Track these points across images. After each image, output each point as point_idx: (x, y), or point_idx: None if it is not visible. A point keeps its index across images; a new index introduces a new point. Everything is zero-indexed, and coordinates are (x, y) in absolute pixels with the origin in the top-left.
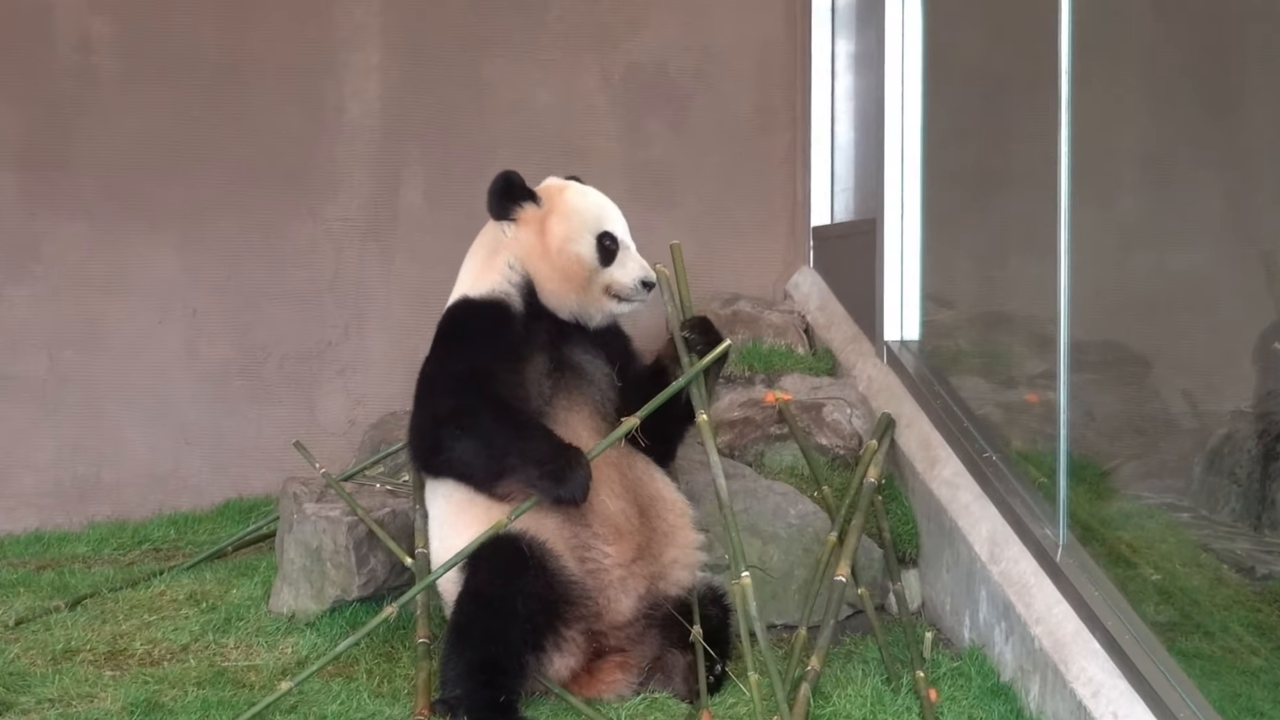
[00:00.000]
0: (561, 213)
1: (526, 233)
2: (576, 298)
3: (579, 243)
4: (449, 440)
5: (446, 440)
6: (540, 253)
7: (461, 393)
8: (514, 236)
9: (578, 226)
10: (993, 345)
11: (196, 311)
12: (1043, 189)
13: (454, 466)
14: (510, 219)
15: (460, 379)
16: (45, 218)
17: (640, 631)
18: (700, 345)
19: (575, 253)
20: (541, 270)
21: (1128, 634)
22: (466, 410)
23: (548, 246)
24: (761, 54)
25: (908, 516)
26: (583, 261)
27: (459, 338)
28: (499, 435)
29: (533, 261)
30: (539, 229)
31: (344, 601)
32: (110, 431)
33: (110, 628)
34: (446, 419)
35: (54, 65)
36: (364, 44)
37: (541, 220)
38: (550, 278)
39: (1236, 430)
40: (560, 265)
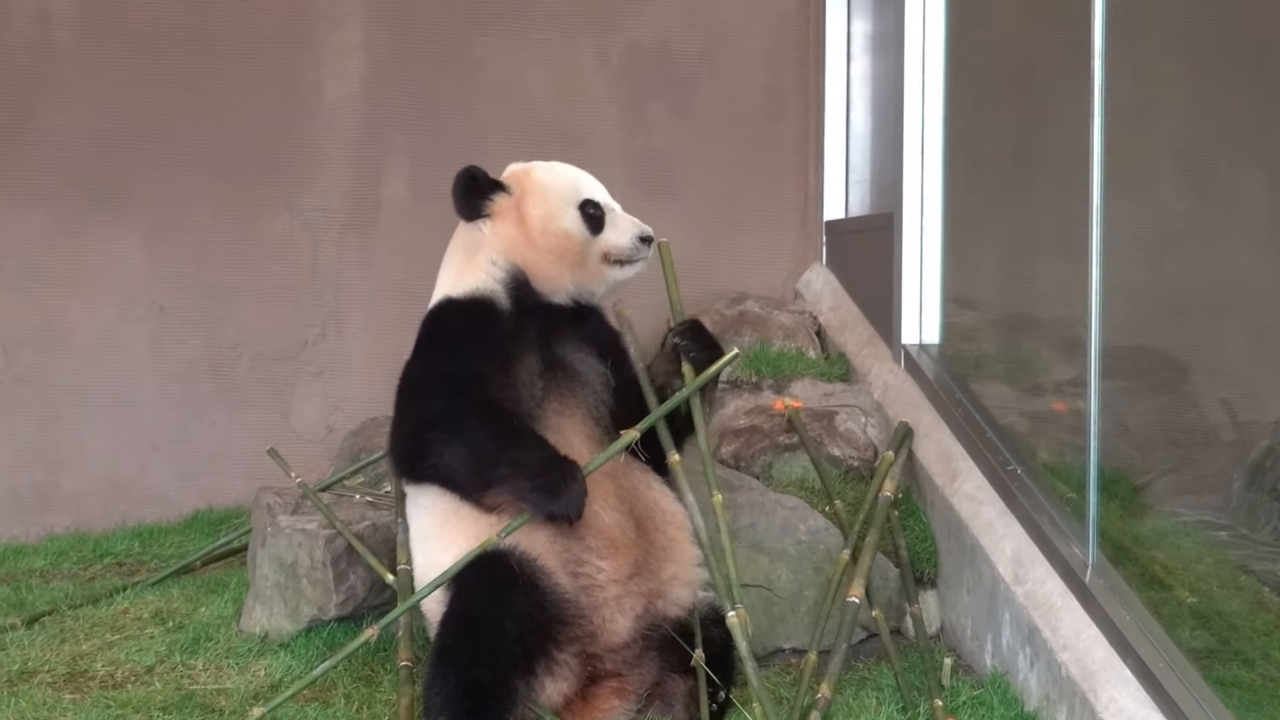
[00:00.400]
0: (535, 193)
1: (503, 224)
2: (573, 275)
3: (562, 217)
4: (435, 445)
5: (432, 445)
6: (524, 240)
7: (448, 395)
8: (491, 232)
9: (555, 202)
10: (1018, 350)
11: (163, 308)
12: (1073, 182)
13: (439, 473)
14: (483, 215)
15: (447, 380)
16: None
17: (638, 654)
18: (693, 352)
19: (561, 228)
20: (530, 257)
21: (1161, 661)
22: (454, 413)
23: (530, 231)
24: (772, 34)
25: (926, 534)
26: (570, 235)
27: (443, 338)
28: (489, 442)
29: (518, 251)
30: (516, 217)
31: (321, 621)
32: (70, 436)
33: (70, 648)
34: (432, 423)
35: (8, 40)
36: (345, 20)
37: (516, 207)
38: (541, 263)
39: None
40: (549, 246)
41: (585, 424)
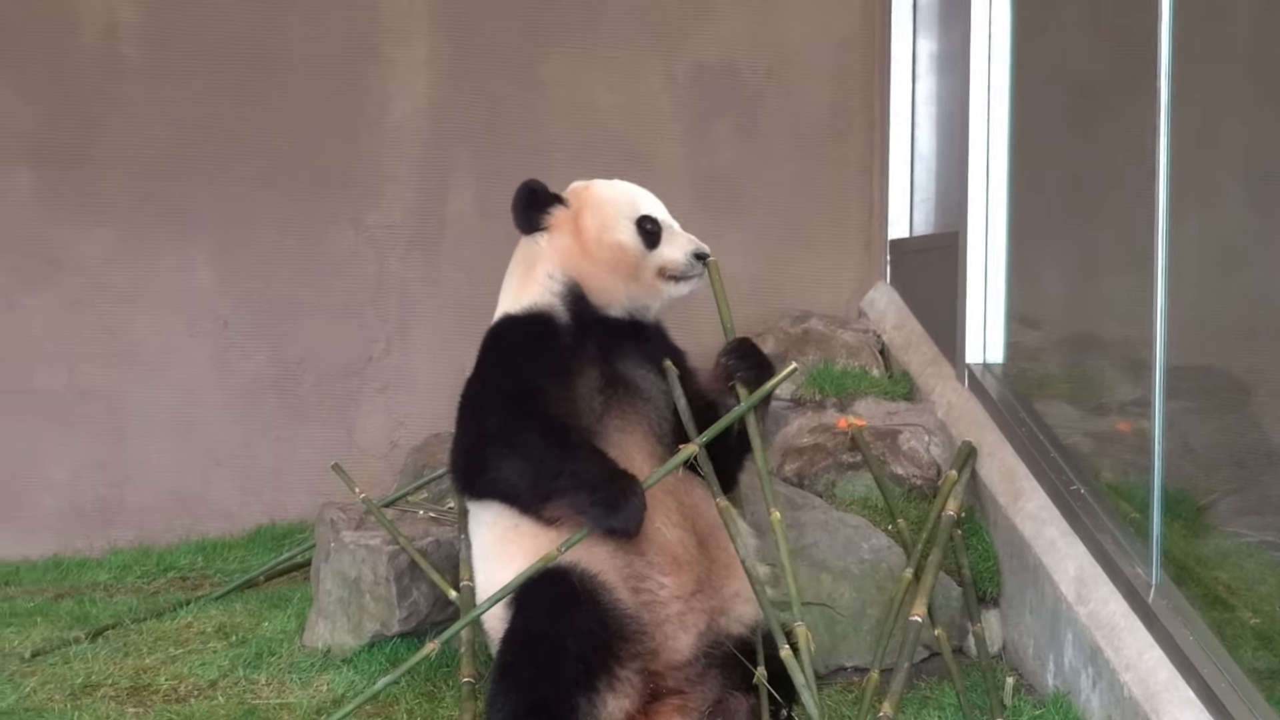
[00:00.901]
0: (592, 206)
1: (560, 236)
2: (627, 288)
3: (618, 230)
4: (494, 460)
5: (492, 460)
6: (580, 252)
7: (508, 410)
8: (548, 245)
9: (612, 214)
10: (1082, 369)
11: (228, 323)
12: (1139, 200)
13: (499, 487)
14: (540, 229)
15: (507, 396)
16: (64, 220)
17: (700, 672)
18: (742, 371)
19: (616, 240)
20: (585, 269)
21: (1225, 682)
22: (513, 428)
23: (585, 243)
24: (838, 52)
25: (989, 553)
26: (625, 248)
27: (503, 354)
28: (548, 455)
29: (574, 263)
30: (573, 229)
31: (383, 636)
32: (134, 450)
33: (133, 661)
34: (492, 438)
35: (76, 54)
36: (411, 37)
37: (573, 220)
38: (595, 274)
39: None
40: (604, 258)
41: (647, 440)
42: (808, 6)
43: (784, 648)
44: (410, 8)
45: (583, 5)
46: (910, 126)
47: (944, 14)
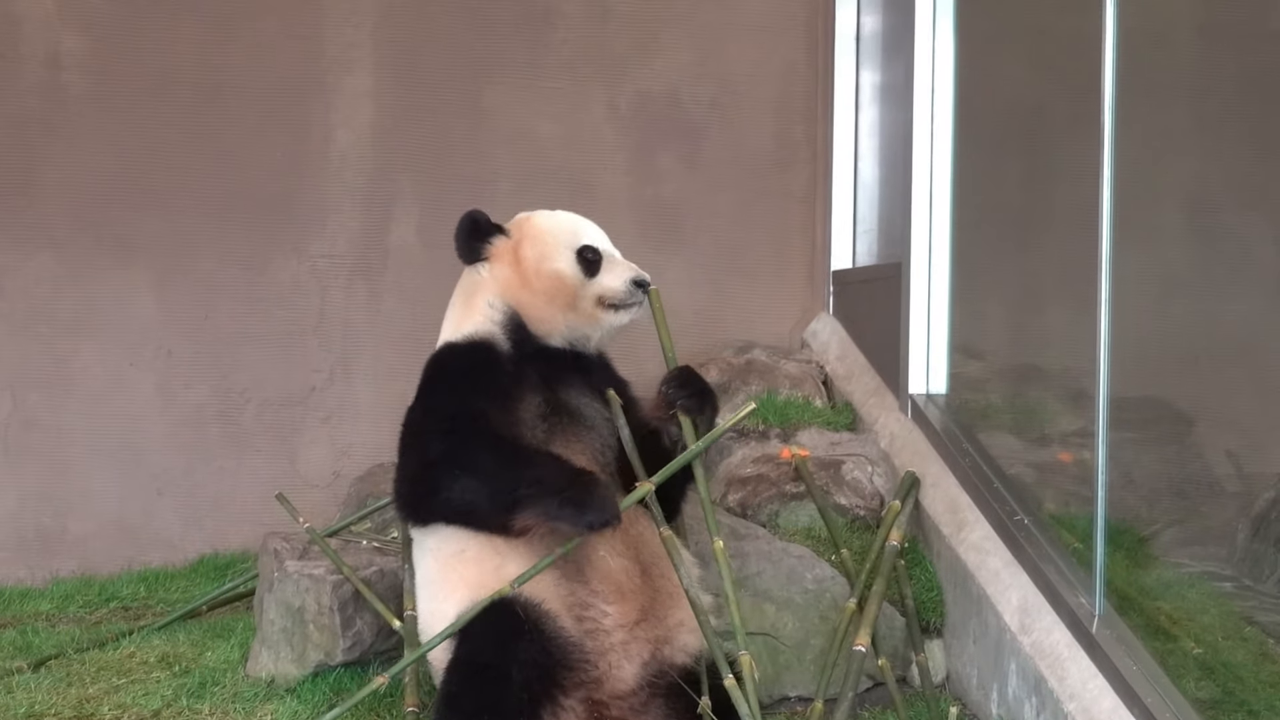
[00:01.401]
0: (532, 236)
1: (500, 266)
2: (566, 318)
3: (557, 259)
4: (445, 481)
5: (442, 481)
6: (519, 282)
7: (454, 431)
8: (489, 274)
9: (552, 244)
10: (1026, 400)
11: (171, 353)
12: (1082, 233)
13: (453, 507)
14: (482, 259)
15: (451, 418)
16: (7, 249)
17: (644, 702)
18: (683, 400)
19: (554, 269)
20: (524, 299)
21: (1168, 712)
22: (462, 448)
23: (524, 273)
24: (781, 84)
25: (932, 583)
26: (563, 277)
27: (445, 380)
28: (503, 468)
29: (513, 293)
30: (512, 259)
31: (327, 666)
32: (77, 480)
33: (76, 691)
34: (440, 460)
35: (19, 82)
36: (355, 66)
37: (514, 250)
38: (534, 304)
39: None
40: (542, 288)
41: (591, 467)
42: (751, 38)
43: (728, 677)
44: (354, 38)
45: (526, 36)
46: (853, 158)
47: (887, 46)
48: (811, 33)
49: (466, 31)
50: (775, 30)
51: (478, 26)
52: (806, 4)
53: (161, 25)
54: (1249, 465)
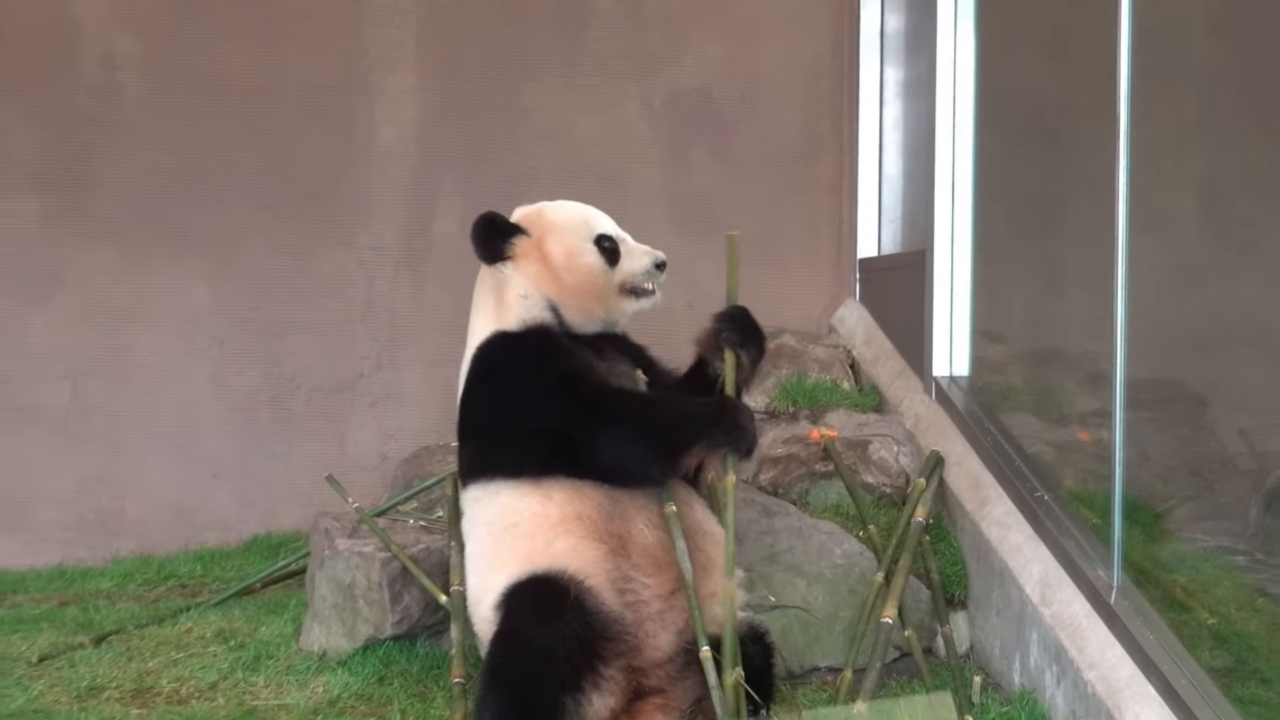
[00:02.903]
0: (553, 233)
1: (528, 263)
2: (600, 306)
3: (583, 253)
4: (585, 440)
5: (590, 433)
6: (551, 277)
7: (582, 397)
8: (516, 271)
9: (573, 239)
10: (1045, 382)
11: (224, 341)
12: (1099, 221)
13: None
14: (505, 258)
15: (567, 383)
16: (67, 242)
17: (680, 669)
18: (735, 339)
19: (585, 264)
20: (559, 293)
21: (1184, 679)
22: (589, 405)
23: (555, 268)
24: (808, 79)
25: (956, 557)
26: (593, 270)
27: (529, 358)
28: (651, 414)
29: (547, 288)
30: (539, 255)
31: (377, 639)
32: (135, 464)
33: (136, 665)
34: (569, 418)
35: (77, 83)
36: (398, 66)
37: (538, 247)
38: (570, 296)
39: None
40: (575, 281)
41: None
42: (779, 36)
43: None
44: (398, 38)
45: (562, 35)
46: (878, 150)
47: (910, 42)
48: (837, 29)
49: (505, 31)
50: (802, 27)
51: (516, 26)
52: (832, 2)
53: (212, 27)
54: (1261, 444)
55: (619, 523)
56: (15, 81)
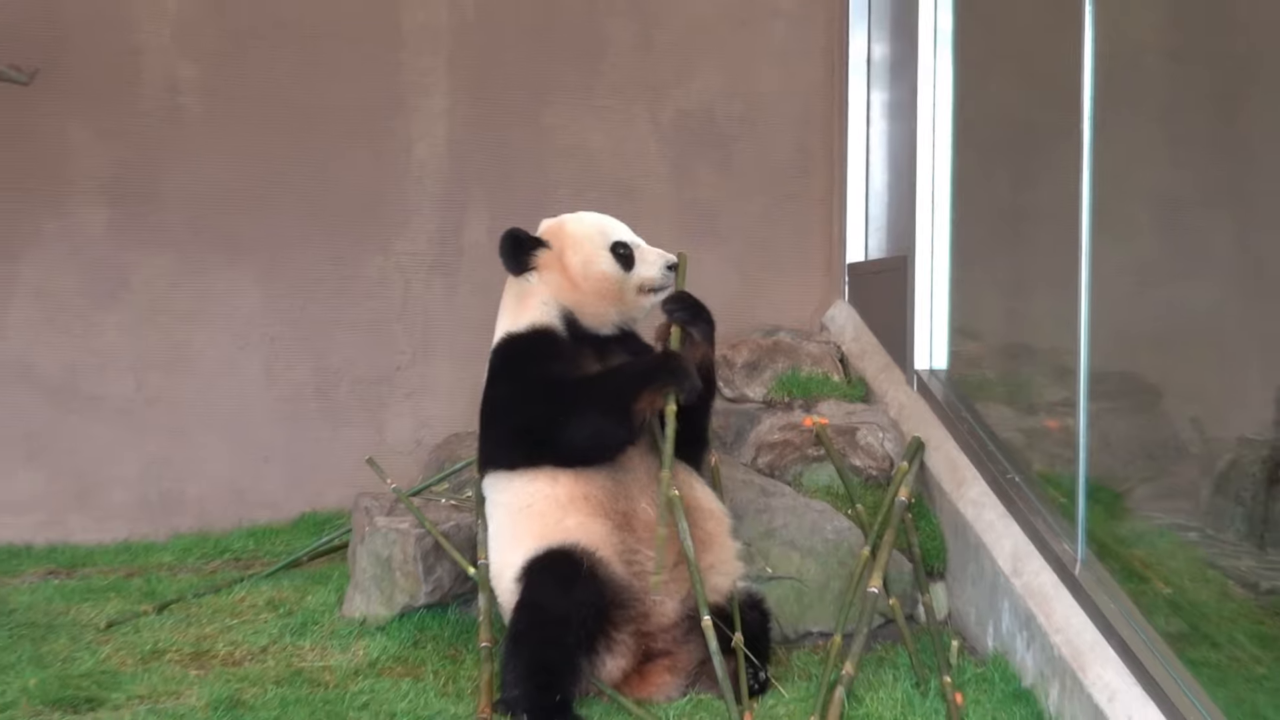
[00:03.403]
0: (572, 244)
1: (550, 274)
2: (617, 309)
3: (599, 261)
4: (560, 425)
5: (557, 426)
6: (570, 286)
7: (552, 388)
8: (539, 281)
9: (590, 249)
10: (1016, 374)
11: (274, 338)
12: (1065, 228)
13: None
14: (529, 269)
15: (544, 381)
16: (132, 249)
17: (685, 634)
18: (684, 317)
19: (601, 271)
20: (577, 299)
21: (1142, 643)
22: (564, 396)
23: (574, 277)
24: (802, 102)
25: (935, 533)
26: (609, 276)
27: (520, 359)
28: (607, 383)
29: (566, 294)
30: (559, 266)
31: (412, 607)
32: (194, 449)
33: (195, 630)
34: (548, 413)
35: (142, 106)
36: (432, 89)
37: (558, 258)
38: (588, 302)
39: (1242, 456)
40: (592, 288)
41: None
42: (775, 62)
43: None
44: (431, 64)
45: (580, 62)
46: (865, 165)
47: (894, 69)
48: (828, 58)
49: (529, 58)
50: (796, 56)
51: (538, 54)
52: (824, 33)
53: (263, 54)
54: (1211, 431)
55: (623, 501)
56: (87, 104)
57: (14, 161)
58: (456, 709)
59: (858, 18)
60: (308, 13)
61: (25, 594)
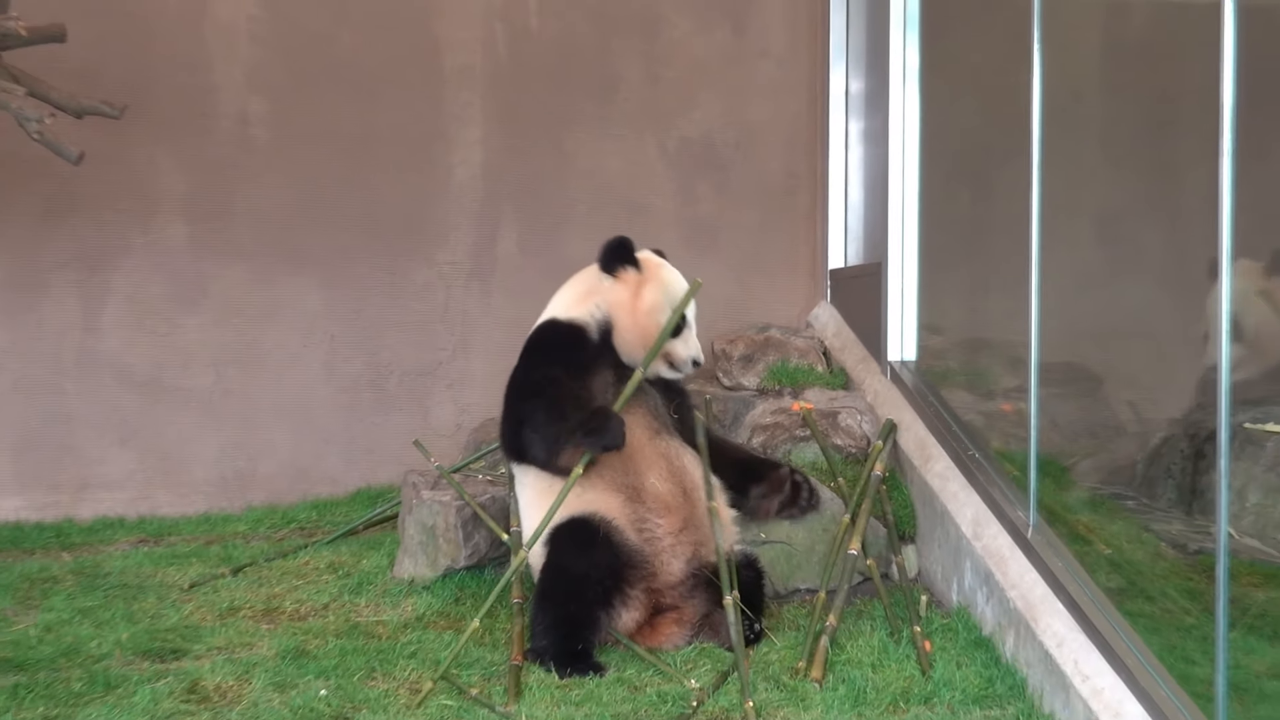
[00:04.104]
0: (656, 284)
1: (622, 289)
2: (642, 354)
3: (663, 314)
4: (525, 437)
5: (524, 437)
6: (629, 308)
7: (531, 399)
8: (610, 287)
9: (662, 299)
10: (976, 365)
11: (334, 337)
12: (1017, 238)
13: (529, 455)
14: (613, 275)
15: (532, 387)
16: (211, 260)
17: (690, 589)
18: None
19: (659, 321)
20: (625, 322)
21: (1086, 597)
22: (533, 411)
23: (637, 307)
24: (789, 130)
25: (907, 502)
26: (659, 327)
27: (540, 351)
28: (550, 421)
29: (619, 313)
30: (634, 291)
31: (453, 569)
32: (264, 433)
33: (265, 590)
34: (521, 421)
35: (217, 136)
36: (469, 121)
37: (638, 285)
38: (630, 330)
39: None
40: (643, 325)
41: (645, 418)
42: (766, 95)
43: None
44: (468, 99)
45: (597, 96)
46: (844, 184)
47: (869, 101)
48: (812, 91)
49: (552, 94)
50: (784, 90)
51: (560, 90)
52: (807, 70)
53: (324, 90)
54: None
55: (633, 476)
56: (169, 135)
57: (108, 185)
58: (492, 656)
59: (837, 57)
60: (362, 56)
61: (119, 560)
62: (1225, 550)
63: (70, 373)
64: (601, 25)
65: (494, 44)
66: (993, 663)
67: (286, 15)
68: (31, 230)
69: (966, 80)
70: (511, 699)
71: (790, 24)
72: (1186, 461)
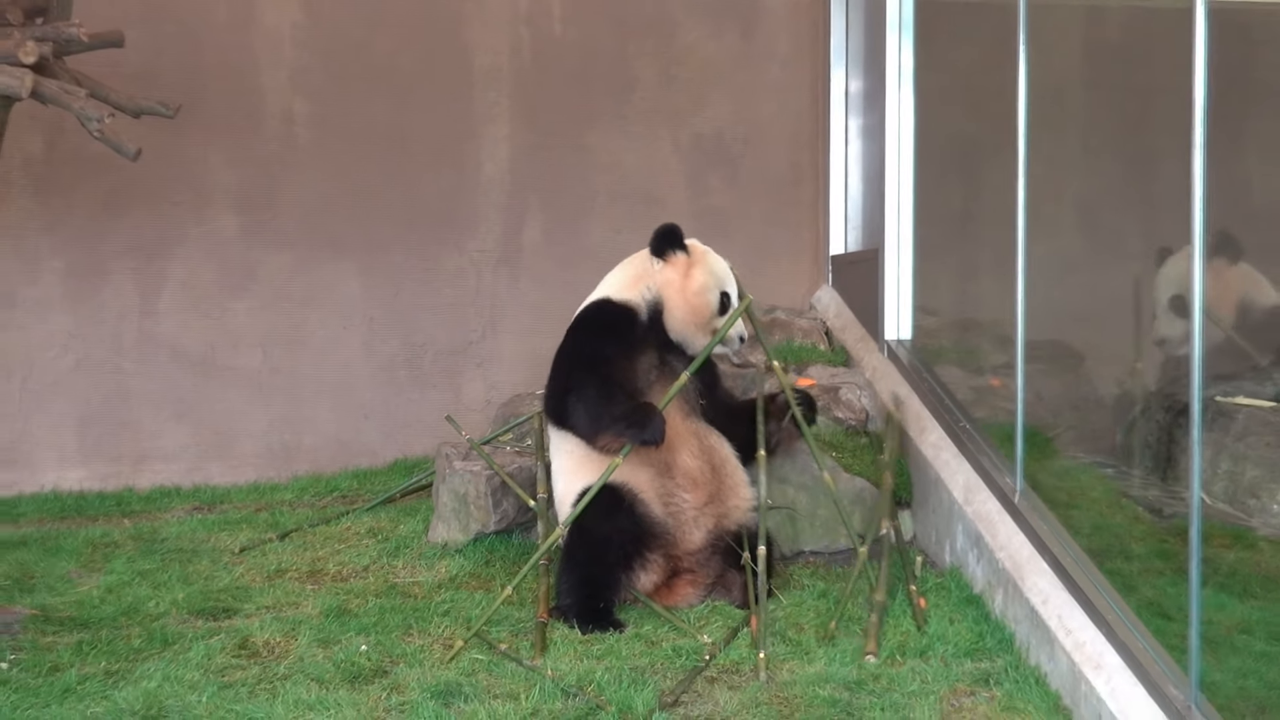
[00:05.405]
0: (704, 267)
1: (672, 272)
2: (693, 332)
3: (710, 293)
4: (571, 406)
5: (569, 406)
6: (679, 289)
7: (583, 371)
8: (660, 271)
9: (711, 283)
10: (966, 343)
11: (372, 319)
12: (1004, 226)
13: (571, 424)
14: (662, 258)
15: (584, 361)
16: (259, 249)
17: (707, 556)
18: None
19: (707, 300)
20: (676, 303)
21: (1069, 557)
22: (582, 385)
23: (686, 288)
24: (793, 126)
25: (903, 470)
26: (710, 307)
27: (592, 329)
28: (598, 403)
29: (669, 294)
30: (683, 273)
31: (483, 534)
32: (308, 408)
33: (310, 554)
34: (569, 390)
35: (264, 134)
36: (497, 119)
37: (687, 268)
38: (681, 309)
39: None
40: (693, 304)
41: (681, 404)
42: (772, 94)
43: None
44: (496, 99)
45: (615, 95)
46: (844, 177)
47: (867, 99)
48: (814, 91)
49: (574, 93)
50: (788, 90)
51: (581, 90)
52: (810, 71)
53: (363, 92)
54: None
55: (666, 453)
56: (219, 133)
57: (164, 179)
58: (520, 614)
59: (837, 59)
60: (397, 59)
61: (174, 526)
62: (1198, 513)
63: (129, 353)
64: (620, 30)
65: (520, 48)
66: (983, 619)
67: (328, 22)
68: (93, 221)
69: (957, 80)
70: (538, 653)
71: (794, 28)
72: (1161, 433)
